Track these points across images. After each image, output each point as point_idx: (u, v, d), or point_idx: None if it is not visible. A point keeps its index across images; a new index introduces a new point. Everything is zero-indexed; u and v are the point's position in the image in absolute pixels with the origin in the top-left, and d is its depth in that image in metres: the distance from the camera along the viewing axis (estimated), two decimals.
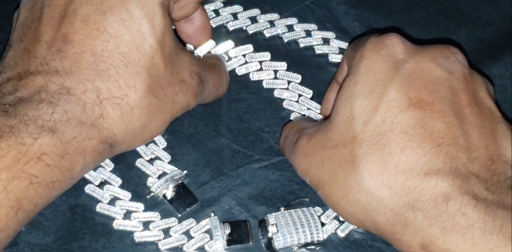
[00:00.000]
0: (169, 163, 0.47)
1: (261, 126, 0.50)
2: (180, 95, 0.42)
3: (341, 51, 0.54)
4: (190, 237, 0.44)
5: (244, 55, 0.52)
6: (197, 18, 0.49)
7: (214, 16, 0.54)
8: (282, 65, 0.52)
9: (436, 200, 0.36)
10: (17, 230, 0.35)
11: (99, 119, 0.37)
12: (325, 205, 0.45)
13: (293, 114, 0.51)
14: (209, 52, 0.52)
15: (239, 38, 0.54)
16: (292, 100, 0.51)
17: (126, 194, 0.45)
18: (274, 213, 0.45)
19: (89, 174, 0.45)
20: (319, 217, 0.45)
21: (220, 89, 0.48)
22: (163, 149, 0.48)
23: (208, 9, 0.54)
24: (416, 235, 0.36)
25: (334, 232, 0.45)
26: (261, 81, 0.52)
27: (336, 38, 0.55)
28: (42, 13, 0.40)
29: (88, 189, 0.45)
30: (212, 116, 0.50)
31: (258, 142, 0.49)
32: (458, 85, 0.40)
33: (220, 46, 0.52)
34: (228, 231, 0.44)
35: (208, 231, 0.45)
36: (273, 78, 0.52)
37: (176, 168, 0.47)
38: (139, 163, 0.47)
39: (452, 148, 0.37)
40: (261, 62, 0.52)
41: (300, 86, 0.52)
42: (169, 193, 0.46)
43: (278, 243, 0.43)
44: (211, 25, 0.53)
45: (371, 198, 0.38)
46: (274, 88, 0.52)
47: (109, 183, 0.46)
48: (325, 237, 0.44)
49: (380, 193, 0.37)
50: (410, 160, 0.37)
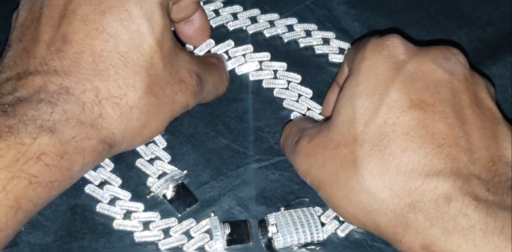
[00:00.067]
0: (169, 163, 0.47)
1: (261, 126, 0.50)
2: (179, 95, 0.42)
3: (341, 51, 0.54)
4: (190, 237, 0.44)
5: (244, 55, 0.52)
6: (197, 19, 0.49)
7: (214, 16, 0.54)
8: (282, 65, 0.52)
9: (437, 201, 0.36)
10: (17, 230, 0.35)
11: (98, 119, 0.37)
12: (325, 205, 0.45)
13: (293, 113, 0.51)
14: (209, 51, 0.52)
15: (239, 38, 0.54)
16: (292, 100, 0.51)
17: (126, 194, 0.45)
18: (274, 213, 0.45)
19: (89, 174, 0.45)
20: (319, 217, 0.45)
21: (220, 88, 0.48)
22: (163, 149, 0.48)
23: (208, 9, 0.54)
24: (417, 236, 0.36)
25: (334, 232, 0.45)
26: (261, 81, 0.52)
27: (336, 38, 0.55)
28: (41, 13, 0.40)
29: (88, 189, 0.45)
30: (212, 116, 0.50)
31: (258, 142, 0.49)
32: (459, 86, 0.40)
33: (220, 46, 0.52)
34: (228, 231, 0.44)
35: (208, 231, 0.45)
36: (273, 78, 0.52)
37: (176, 168, 0.47)
38: (139, 163, 0.47)
39: (453, 149, 0.37)
40: (261, 62, 0.52)
41: (300, 86, 0.51)
42: (169, 193, 0.46)
43: (278, 243, 0.43)
44: (211, 25, 0.53)
45: (372, 199, 0.38)
46: (274, 88, 0.51)
47: (109, 183, 0.46)
48: (325, 237, 0.44)
49: (381, 194, 0.37)
50: (411, 161, 0.37)
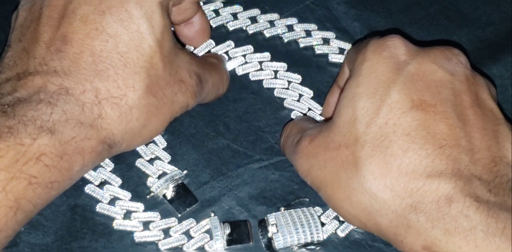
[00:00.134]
0: (169, 163, 0.47)
1: (261, 126, 0.50)
2: (179, 95, 0.42)
3: (341, 51, 0.54)
4: (190, 237, 0.44)
5: (244, 55, 0.52)
6: (197, 21, 0.49)
7: (214, 16, 0.54)
8: (282, 66, 0.52)
9: (439, 202, 0.36)
10: (16, 230, 0.35)
11: (98, 119, 0.37)
12: (325, 205, 0.45)
13: (294, 113, 0.51)
14: (209, 51, 0.52)
15: (239, 38, 0.54)
16: (293, 99, 0.51)
17: (126, 194, 0.45)
18: (274, 213, 0.45)
19: (89, 174, 0.45)
20: (319, 217, 0.45)
21: (220, 88, 0.48)
22: (163, 149, 0.48)
23: (208, 9, 0.54)
24: (419, 237, 0.36)
25: (334, 232, 0.45)
26: (261, 81, 0.52)
27: (336, 38, 0.54)
28: (41, 13, 0.40)
29: (88, 189, 0.45)
30: (212, 116, 0.50)
31: (258, 142, 0.49)
32: (460, 87, 0.40)
33: (220, 47, 0.52)
34: (228, 231, 0.44)
35: (208, 231, 0.45)
36: (273, 78, 0.52)
37: (176, 168, 0.47)
38: (139, 163, 0.47)
39: (455, 150, 0.37)
40: (261, 62, 0.52)
41: (300, 86, 0.51)
42: (169, 193, 0.46)
43: (278, 243, 0.43)
44: (211, 25, 0.53)
45: (374, 200, 0.38)
46: (274, 88, 0.51)
47: (109, 183, 0.46)
48: (325, 237, 0.44)
49: (383, 195, 0.37)
50: (413, 162, 0.37)
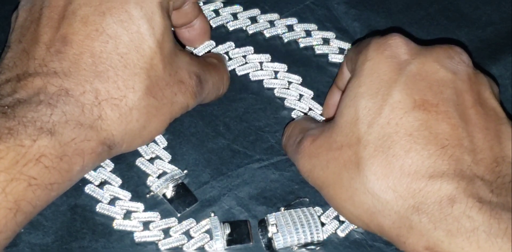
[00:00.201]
0: (169, 163, 0.47)
1: (261, 126, 0.50)
2: (179, 96, 0.42)
3: (341, 51, 0.54)
4: (190, 237, 0.44)
5: (245, 56, 0.52)
6: (198, 25, 0.49)
7: (214, 16, 0.54)
8: (282, 66, 0.52)
9: (441, 203, 0.36)
10: (16, 232, 0.35)
11: (98, 120, 0.37)
12: (325, 205, 0.45)
13: (294, 112, 0.51)
14: (209, 51, 0.52)
15: (239, 38, 0.54)
16: (293, 99, 0.51)
17: (126, 194, 0.45)
18: (274, 213, 0.45)
19: (89, 174, 0.45)
20: (319, 217, 0.45)
21: (221, 88, 0.48)
22: (164, 148, 0.48)
23: (208, 9, 0.54)
24: (421, 238, 0.36)
25: (334, 232, 0.45)
26: (261, 81, 0.52)
27: (336, 38, 0.54)
28: (41, 14, 0.40)
29: (88, 189, 0.45)
30: (212, 116, 0.50)
31: (259, 142, 0.49)
32: (463, 86, 0.40)
33: (220, 47, 0.52)
34: (228, 231, 0.44)
35: (208, 231, 0.45)
36: (273, 78, 0.52)
37: (176, 168, 0.47)
38: (139, 162, 0.47)
39: (457, 150, 0.37)
40: (261, 63, 0.52)
41: (301, 86, 0.51)
42: (169, 193, 0.46)
43: (278, 243, 0.43)
44: (211, 25, 0.53)
45: (376, 201, 0.38)
46: (275, 88, 0.51)
47: (109, 183, 0.46)
48: (325, 237, 0.44)
49: (385, 196, 0.37)
50: (415, 162, 0.37)
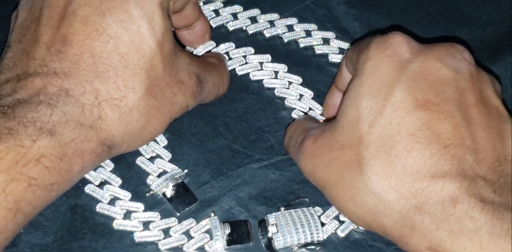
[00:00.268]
0: (169, 162, 0.47)
1: (261, 125, 0.50)
2: (179, 96, 0.42)
3: (341, 51, 0.54)
4: (190, 237, 0.44)
5: (245, 56, 0.52)
6: (198, 27, 0.50)
7: (214, 16, 0.54)
8: (282, 67, 0.52)
9: (444, 203, 0.36)
10: (16, 232, 0.35)
11: (98, 121, 0.37)
12: (325, 205, 0.46)
13: (294, 112, 0.51)
14: (209, 51, 0.52)
15: (239, 38, 0.54)
16: (293, 99, 0.51)
17: (126, 194, 0.45)
18: (274, 213, 0.45)
19: (89, 174, 0.45)
20: (319, 217, 0.45)
21: (221, 88, 0.48)
22: (163, 147, 0.48)
23: (208, 9, 0.54)
24: (424, 238, 0.36)
25: (334, 232, 0.45)
26: (261, 81, 0.52)
27: (336, 38, 0.54)
28: (41, 14, 0.40)
29: (88, 189, 0.45)
30: (212, 116, 0.50)
31: (259, 142, 0.49)
32: (465, 84, 0.40)
33: (220, 48, 0.52)
34: (228, 231, 0.44)
35: (208, 231, 0.45)
36: (274, 78, 0.52)
37: (177, 167, 0.47)
38: (140, 161, 0.47)
39: (459, 150, 0.37)
40: (262, 63, 0.52)
41: (301, 87, 0.51)
42: (169, 192, 0.46)
43: (278, 243, 0.43)
44: (211, 25, 0.53)
45: (378, 201, 0.38)
46: (275, 87, 0.51)
47: (109, 183, 0.46)
48: (325, 237, 0.44)
49: (388, 196, 0.37)
50: (417, 162, 0.37)
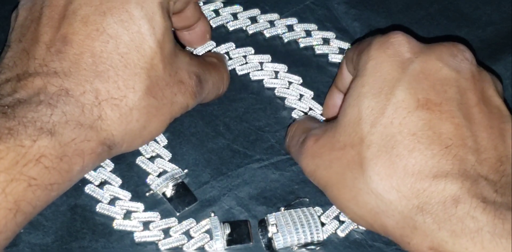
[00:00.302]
0: (169, 162, 0.47)
1: (261, 125, 0.50)
2: (179, 96, 0.42)
3: (341, 51, 0.54)
4: (190, 237, 0.44)
5: (245, 56, 0.52)
6: (199, 28, 0.50)
7: (214, 16, 0.54)
8: (283, 67, 0.52)
9: (445, 203, 0.36)
10: (16, 232, 0.35)
11: (98, 121, 0.37)
12: (325, 205, 0.46)
13: (295, 112, 0.51)
14: (209, 51, 0.52)
15: (239, 38, 0.54)
16: (294, 99, 0.51)
17: (126, 194, 0.45)
18: (274, 213, 0.45)
19: (89, 174, 0.45)
20: (319, 217, 0.45)
21: (221, 88, 0.48)
22: (163, 147, 0.48)
23: (208, 9, 0.54)
24: (425, 239, 0.36)
25: (334, 232, 0.45)
26: (262, 81, 0.52)
27: (336, 38, 0.54)
28: (42, 13, 0.40)
29: (88, 189, 0.45)
30: (212, 116, 0.50)
31: (259, 141, 0.49)
32: (466, 84, 0.40)
33: (220, 48, 0.52)
34: (228, 231, 0.44)
35: (208, 231, 0.45)
36: (274, 78, 0.52)
37: (177, 167, 0.47)
38: (140, 161, 0.47)
39: (461, 150, 0.37)
40: (262, 63, 0.52)
41: (301, 87, 0.51)
42: (169, 192, 0.46)
43: (278, 243, 0.43)
44: (211, 25, 0.53)
45: (380, 201, 0.38)
46: (275, 87, 0.51)
47: (109, 183, 0.46)
48: (325, 237, 0.44)
49: (389, 196, 0.37)
50: (419, 162, 0.37)
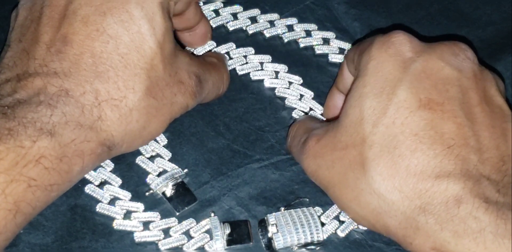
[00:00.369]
0: (169, 162, 0.47)
1: (261, 125, 0.50)
2: (179, 96, 0.42)
3: (341, 51, 0.54)
4: (190, 237, 0.44)
5: (245, 56, 0.52)
6: (199, 29, 0.50)
7: (214, 16, 0.54)
8: (283, 67, 0.52)
9: (448, 204, 0.36)
10: (16, 233, 0.35)
11: (98, 121, 0.37)
12: (325, 205, 0.46)
13: (295, 112, 0.51)
14: (209, 51, 0.52)
15: (239, 38, 0.54)
16: (294, 99, 0.51)
17: (126, 194, 0.45)
18: (274, 213, 0.45)
19: (89, 174, 0.45)
20: (319, 217, 0.45)
21: (221, 88, 0.48)
22: (163, 147, 0.48)
23: (208, 9, 0.54)
24: (428, 239, 0.36)
25: (334, 232, 0.45)
26: (262, 81, 0.52)
27: (336, 38, 0.54)
28: (42, 13, 0.40)
29: (88, 189, 0.45)
30: (212, 116, 0.50)
31: (259, 141, 0.49)
32: (468, 83, 0.39)
33: (220, 48, 0.52)
34: (228, 231, 0.44)
35: (208, 231, 0.45)
36: (274, 78, 0.52)
37: (177, 166, 0.47)
38: (140, 160, 0.47)
39: (463, 150, 0.37)
40: (262, 63, 0.52)
41: (301, 87, 0.51)
42: (168, 191, 0.46)
43: (278, 243, 0.43)
44: (211, 25, 0.53)
45: (382, 201, 0.37)
46: (275, 87, 0.51)
47: (109, 183, 0.46)
48: (325, 237, 0.44)
49: (392, 196, 0.37)
50: (421, 163, 0.37)
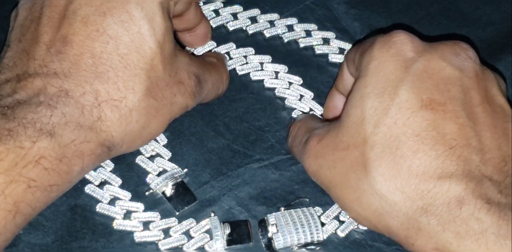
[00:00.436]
0: (169, 161, 0.47)
1: (261, 125, 0.50)
2: (178, 96, 0.42)
3: (341, 51, 0.54)
4: (190, 237, 0.44)
5: (245, 56, 0.52)
6: (200, 30, 0.50)
7: (214, 16, 0.54)
8: (283, 68, 0.52)
9: (450, 204, 0.35)
10: (15, 233, 0.35)
11: (97, 122, 0.37)
12: (325, 205, 0.46)
13: (295, 112, 0.51)
14: (209, 51, 0.52)
15: (239, 38, 0.54)
16: (294, 99, 0.51)
17: (126, 194, 0.45)
18: (274, 213, 0.45)
19: (89, 174, 0.45)
20: (319, 217, 0.45)
21: (220, 88, 0.48)
22: (163, 146, 0.48)
23: (208, 9, 0.54)
24: (430, 240, 0.36)
25: (334, 232, 0.45)
26: (262, 81, 0.52)
27: (336, 38, 0.54)
28: (42, 13, 0.39)
29: (88, 189, 0.45)
30: (212, 116, 0.50)
31: (259, 141, 0.49)
32: (470, 83, 0.39)
33: (220, 48, 0.52)
34: (228, 231, 0.44)
35: (208, 231, 0.45)
36: (274, 78, 0.52)
37: (176, 166, 0.47)
38: (140, 160, 0.47)
39: (465, 150, 0.37)
40: (262, 63, 0.52)
41: (301, 87, 0.51)
42: (168, 191, 0.46)
43: (278, 243, 0.43)
44: (211, 25, 0.53)
45: (384, 202, 0.37)
46: (275, 87, 0.51)
47: (109, 183, 0.46)
48: (325, 237, 0.44)
49: (393, 197, 0.37)
50: (423, 163, 0.37)
